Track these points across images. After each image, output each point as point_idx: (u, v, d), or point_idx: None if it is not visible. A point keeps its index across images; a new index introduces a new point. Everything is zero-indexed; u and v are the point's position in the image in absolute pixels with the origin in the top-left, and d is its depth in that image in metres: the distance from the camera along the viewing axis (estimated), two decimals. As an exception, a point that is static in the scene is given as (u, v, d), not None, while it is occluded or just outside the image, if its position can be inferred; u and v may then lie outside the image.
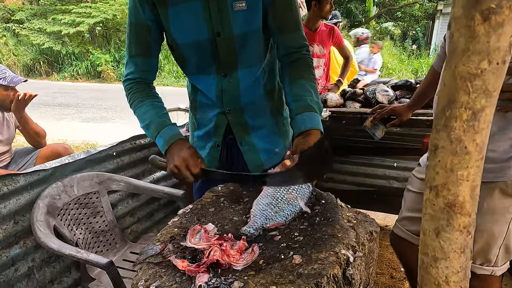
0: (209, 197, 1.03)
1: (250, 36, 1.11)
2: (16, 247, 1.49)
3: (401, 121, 1.77)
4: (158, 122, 1.11)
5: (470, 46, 0.37)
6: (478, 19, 0.35)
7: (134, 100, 1.16)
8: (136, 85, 1.17)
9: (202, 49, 1.11)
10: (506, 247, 1.21)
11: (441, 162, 0.41)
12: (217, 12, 1.05)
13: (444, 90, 0.39)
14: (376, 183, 2.76)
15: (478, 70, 0.37)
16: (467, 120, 0.39)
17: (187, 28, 1.08)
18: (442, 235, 0.41)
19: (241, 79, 1.16)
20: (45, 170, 1.62)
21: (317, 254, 0.70)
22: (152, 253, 0.75)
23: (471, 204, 0.40)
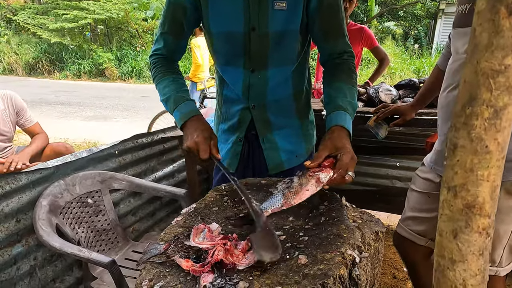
0: (212, 196, 1.03)
1: (285, 36, 1.11)
2: (18, 245, 1.49)
3: (404, 120, 1.76)
4: (176, 96, 1.12)
5: (493, 41, 0.35)
6: (503, 13, 0.34)
7: (157, 74, 1.19)
8: (162, 60, 1.20)
9: (234, 41, 1.11)
10: (510, 247, 1.20)
11: (460, 162, 0.39)
12: (256, 7, 1.05)
13: (464, 87, 0.38)
14: (379, 183, 2.75)
15: (501, 66, 0.36)
16: (489, 118, 0.37)
17: (224, 17, 1.09)
18: (460, 236, 0.40)
19: (270, 77, 1.16)
20: (47, 168, 1.61)
21: (323, 254, 0.69)
22: (156, 252, 0.74)
23: (491, 205, 0.39)
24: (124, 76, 12.79)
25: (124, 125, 6.39)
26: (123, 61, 13.26)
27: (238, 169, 1.31)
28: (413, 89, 2.21)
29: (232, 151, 1.29)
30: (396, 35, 14.94)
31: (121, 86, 11.66)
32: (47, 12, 13.82)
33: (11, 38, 14.34)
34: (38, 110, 7.60)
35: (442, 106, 1.26)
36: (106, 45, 14.33)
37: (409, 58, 12.18)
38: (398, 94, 2.17)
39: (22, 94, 7.11)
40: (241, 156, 1.29)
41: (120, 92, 10.22)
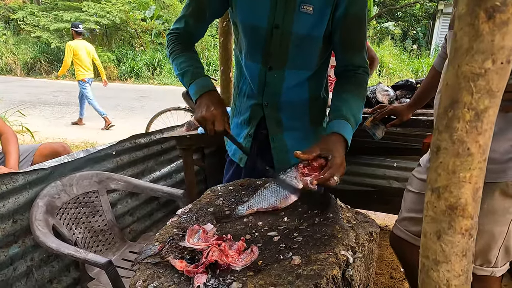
0: (208, 197, 1.03)
1: (307, 40, 1.11)
2: (15, 246, 1.49)
3: (401, 121, 1.76)
4: (194, 71, 1.14)
5: (474, 45, 0.36)
6: (482, 17, 0.34)
7: (174, 50, 1.19)
8: (180, 38, 1.21)
9: (257, 35, 1.13)
10: (506, 248, 1.21)
11: (443, 164, 0.40)
12: (283, 6, 1.07)
13: (446, 90, 0.38)
14: (376, 183, 2.75)
15: (482, 70, 0.36)
16: (470, 121, 0.38)
17: (250, 10, 1.11)
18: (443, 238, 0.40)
19: (286, 78, 1.17)
20: (44, 169, 1.61)
21: (317, 255, 0.69)
22: (151, 253, 0.74)
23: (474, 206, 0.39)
24: (123, 76, 12.78)
25: (122, 126, 6.39)
26: (122, 61, 13.25)
27: (247, 164, 1.32)
28: (410, 90, 2.22)
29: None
30: (395, 35, 14.97)
31: (120, 86, 11.64)
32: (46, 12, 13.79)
33: (9, 38, 14.30)
34: (36, 110, 7.59)
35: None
36: (105, 45, 14.31)
37: (407, 59, 12.20)
38: (395, 95, 2.18)
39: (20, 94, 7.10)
40: (250, 151, 1.30)
41: (119, 92, 10.21)
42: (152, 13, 13.84)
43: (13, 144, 2.12)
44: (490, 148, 1.08)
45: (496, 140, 1.09)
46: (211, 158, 2.71)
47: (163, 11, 13.93)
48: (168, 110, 4.48)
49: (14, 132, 2.19)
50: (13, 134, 2.16)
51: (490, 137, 0.39)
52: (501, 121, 1.08)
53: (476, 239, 1.16)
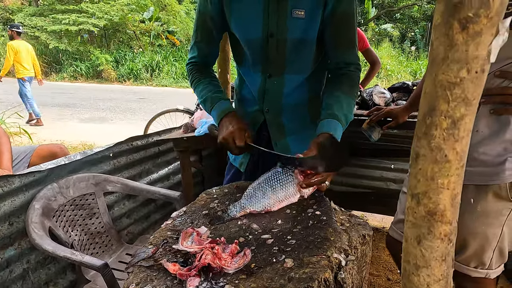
0: (203, 200, 1.03)
1: (303, 43, 1.13)
2: (11, 248, 1.49)
3: (397, 123, 1.77)
4: (213, 97, 1.20)
5: (449, 54, 0.37)
6: (456, 28, 0.35)
7: (194, 79, 1.28)
8: (197, 67, 1.29)
9: (254, 46, 1.16)
10: (500, 249, 1.21)
11: (422, 170, 0.41)
12: (275, 14, 1.09)
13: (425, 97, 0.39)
14: (373, 185, 2.76)
15: (457, 79, 0.37)
16: (447, 128, 0.39)
17: (245, 23, 1.14)
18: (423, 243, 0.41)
19: (286, 83, 1.20)
20: (41, 171, 1.61)
21: (309, 257, 0.70)
22: (144, 256, 0.74)
23: (452, 212, 0.40)
24: (122, 78, 12.79)
25: (120, 127, 6.39)
26: (120, 62, 13.25)
27: (247, 168, 1.33)
28: (406, 92, 2.23)
29: None
30: (393, 37, 15.01)
31: (118, 88, 11.64)
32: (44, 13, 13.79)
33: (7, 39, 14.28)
34: (34, 112, 7.57)
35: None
36: (104, 46, 14.31)
37: (405, 60, 12.24)
38: (391, 97, 2.18)
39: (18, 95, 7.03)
40: (251, 156, 1.32)
41: (117, 94, 10.21)
42: (150, 14, 13.86)
43: (4, 143, 2.10)
44: (482, 151, 1.10)
45: (489, 143, 1.09)
46: (209, 160, 2.71)
47: (161, 12, 13.94)
48: (166, 112, 4.49)
49: (5, 132, 2.17)
50: (4, 134, 2.12)
51: (467, 144, 0.39)
52: (493, 124, 1.09)
53: (470, 241, 1.17)
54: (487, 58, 0.36)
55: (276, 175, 0.99)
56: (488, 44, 0.35)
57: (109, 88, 11.33)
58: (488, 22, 0.35)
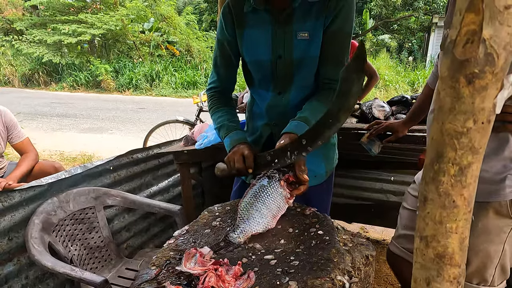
0: (205, 218, 1.03)
1: (307, 61, 1.20)
2: (10, 264, 1.48)
3: (397, 137, 1.78)
4: (229, 125, 1.25)
5: (456, 105, 0.38)
6: (463, 82, 0.37)
7: (212, 106, 1.34)
8: (217, 94, 1.36)
9: (264, 67, 1.24)
10: (502, 266, 1.21)
11: (430, 214, 0.41)
12: (282, 38, 1.18)
13: (432, 144, 0.40)
14: (373, 197, 2.76)
15: (464, 129, 0.38)
16: (455, 175, 0.40)
17: (255, 48, 1.24)
18: (432, 285, 0.41)
19: (292, 98, 1.27)
20: (41, 185, 1.61)
21: (313, 280, 0.69)
22: (147, 278, 0.74)
23: (460, 255, 0.41)
24: (121, 88, 12.83)
25: (120, 137, 6.38)
26: (120, 72, 13.31)
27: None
28: (405, 106, 2.25)
29: None
30: (391, 48, 15.16)
31: (118, 97, 11.67)
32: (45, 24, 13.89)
33: (8, 50, 14.36)
34: (34, 121, 7.58)
35: (429, 127, 1.29)
36: (103, 56, 14.39)
37: (403, 71, 12.33)
38: (391, 111, 2.20)
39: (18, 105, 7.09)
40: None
41: (117, 103, 10.24)
42: (150, 25, 13.99)
43: (28, 161, 2.26)
44: (483, 168, 1.10)
45: (488, 161, 1.10)
46: (209, 172, 2.71)
47: (161, 23, 14.07)
48: (166, 123, 4.49)
49: (37, 154, 2.32)
50: (35, 155, 2.34)
51: (474, 190, 0.40)
52: (493, 142, 1.10)
53: (472, 258, 1.17)
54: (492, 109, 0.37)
55: (264, 190, 0.99)
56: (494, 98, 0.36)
57: (109, 98, 11.36)
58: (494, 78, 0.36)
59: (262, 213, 0.95)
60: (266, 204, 0.97)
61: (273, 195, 0.98)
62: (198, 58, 14.10)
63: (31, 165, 2.28)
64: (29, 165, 2.27)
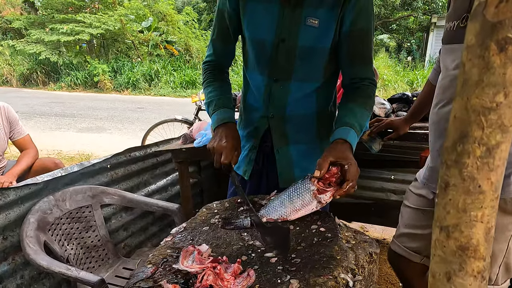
0: (203, 215, 1.01)
1: (313, 52, 1.13)
2: (5, 263, 1.45)
3: (398, 134, 1.76)
4: (217, 102, 1.19)
5: (484, 77, 0.35)
6: (494, 49, 0.33)
7: (206, 79, 1.28)
8: (212, 67, 1.29)
9: (263, 48, 1.16)
10: (506, 265, 1.19)
11: (452, 201, 0.38)
12: (289, 20, 1.10)
13: (455, 123, 0.36)
14: (373, 196, 2.73)
15: (493, 104, 0.35)
16: (481, 156, 0.36)
17: (258, 25, 1.15)
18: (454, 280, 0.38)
19: (292, 90, 1.19)
20: (37, 184, 1.58)
21: (315, 278, 0.67)
22: (143, 276, 0.72)
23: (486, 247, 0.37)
24: (120, 87, 12.78)
25: (118, 137, 6.35)
26: (119, 72, 13.26)
27: (252, 176, 1.31)
28: (406, 103, 2.22)
29: (247, 158, 1.31)
30: (390, 47, 15.17)
31: (116, 97, 11.62)
32: (44, 23, 13.83)
33: (5, 49, 14.29)
34: (32, 121, 7.54)
35: (434, 122, 1.26)
36: (102, 56, 14.34)
37: (402, 70, 12.32)
38: (391, 108, 2.18)
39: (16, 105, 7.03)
40: (255, 164, 1.30)
41: (115, 103, 10.19)
42: (149, 24, 13.94)
43: (28, 157, 2.26)
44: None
45: None
46: (208, 170, 2.68)
47: (160, 23, 14.03)
48: (164, 122, 4.46)
49: (36, 151, 2.31)
50: (35, 152, 2.34)
51: (502, 173, 0.37)
52: None
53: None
54: (527, 81, 0.33)
55: (294, 186, 0.99)
56: None
57: (107, 98, 11.31)
58: (529, 43, 0.32)
59: (283, 203, 0.96)
60: (290, 197, 0.97)
61: (300, 190, 0.96)
62: (197, 58, 14.06)
63: (31, 161, 2.27)
64: (29, 161, 2.26)
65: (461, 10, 1.08)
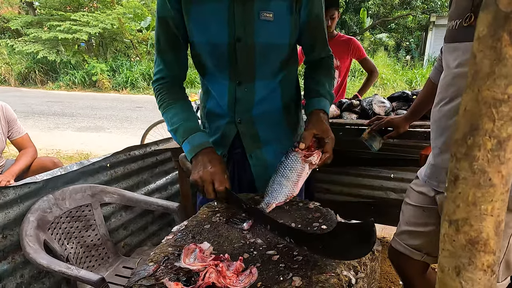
0: (204, 213, 1.00)
1: (273, 48, 1.09)
2: (4, 262, 1.44)
3: (398, 133, 1.76)
4: (186, 126, 1.07)
5: (496, 69, 0.34)
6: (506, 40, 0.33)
7: (162, 103, 1.14)
8: (166, 86, 1.15)
9: (219, 52, 1.08)
10: (506, 262, 1.19)
11: (462, 195, 0.38)
12: (241, 17, 1.02)
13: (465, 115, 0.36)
14: (373, 194, 2.73)
15: (504, 95, 0.34)
16: (492, 149, 0.36)
17: (207, 27, 1.06)
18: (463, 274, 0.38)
19: (257, 90, 1.13)
20: (36, 182, 1.58)
21: (318, 276, 0.67)
22: (145, 274, 0.71)
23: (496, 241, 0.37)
24: (118, 87, 12.75)
25: (117, 136, 6.34)
26: (117, 71, 13.23)
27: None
28: (406, 101, 2.22)
29: None
30: (388, 46, 15.17)
31: (115, 96, 11.60)
32: (42, 22, 13.78)
33: (3, 48, 14.23)
34: (30, 120, 7.52)
35: (435, 120, 1.26)
36: (100, 55, 14.30)
37: (401, 69, 12.33)
38: (391, 106, 2.18)
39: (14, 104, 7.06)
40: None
41: (114, 102, 10.17)
42: (148, 23, 13.90)
43: (27, 156, 2.26)
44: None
45: None
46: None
47: (159, 22, 13.99)
48: (164, 121, 4.46)
49: (35, 150, 2.30)
50: (34, 151, 2.32)
51: None
52: None
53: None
54: (539, 73, 0.33)
55: (282, 163, 1.02)
56: None
57: (106, 97, 11.29)
58: (542, 34, 0.32)
59: (281, 184, 0.98)
60: (285, 175, 0.99)
61: (290, 164, 0.99)
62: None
63: (29, 161, 2.27)
64: (28, 160, 2.26)
65: (464, 9, 1.08)
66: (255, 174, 1.22)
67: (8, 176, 2.07)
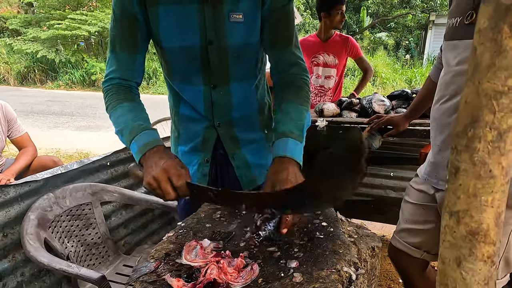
0: (205, 211, 1.01)
1: (245, 49, 1.06)
2: (5, 261, 1.44)
3: (397, 131, 1.76)
4: (133, 126, 0.95)
5: (496, 61, 0.35)
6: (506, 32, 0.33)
7: (109, 104, 1.03)
8: (116, 87, 1.04)
9: (190, 56, 1.03)
10: (506, 259, 1.19)
11: (463, 186, 0.39)
12: (212, 19, 0.99)
13: (466, 107, 0.37)
14: (373, 193, 2.74)
15: (505, 87, 0.35)
16: (492, 141, 0.36)
17: (176, 31, 1.00)
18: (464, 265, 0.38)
19: (233, 93, 1.10)
20: (37, 181, 1.58)
21: (318, 272, 0.67)
22: (146, 271, 0.72)
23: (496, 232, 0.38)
24: (103, 78, 12.73)
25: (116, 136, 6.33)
26: (117, 71, 13.20)
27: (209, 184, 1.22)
28: (405, 100, 2.23)
29: (199, 173, 1.20)
30: (388, 45, 15.17)
31: (114, 95, 11.58)
32: (40, 21, 13.76)
33: (2, 48, 14.21)
34: (30, 119, 7.51)
35: (435, 117, 1.27)
36: (100, 54, 14.28)
37: (400, 68, 12.34)
38: (391, 105, 2.18)
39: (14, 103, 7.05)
40: (209, 177, 1.21)
41: (113, 101, 10.15)
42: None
43: (26, 155, 2.27)
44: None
45: None
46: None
47: (158, 21, 13.97)
48: (163, 120, 4.45)
49: (35, 148, 2.30)
50: (34, 150, 2.33)
51: None
52: None
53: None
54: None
55: None
56: None
57: (105, 96, 11.27)
58: (543, 26, 0.32)
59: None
60: None
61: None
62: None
63: (29, 160, 2.27)
64: (28, 159, 2.26)
65: (465, 6, 1.08)
66: (239, 174, 1.21)
67: (8, 174, 2.07)
